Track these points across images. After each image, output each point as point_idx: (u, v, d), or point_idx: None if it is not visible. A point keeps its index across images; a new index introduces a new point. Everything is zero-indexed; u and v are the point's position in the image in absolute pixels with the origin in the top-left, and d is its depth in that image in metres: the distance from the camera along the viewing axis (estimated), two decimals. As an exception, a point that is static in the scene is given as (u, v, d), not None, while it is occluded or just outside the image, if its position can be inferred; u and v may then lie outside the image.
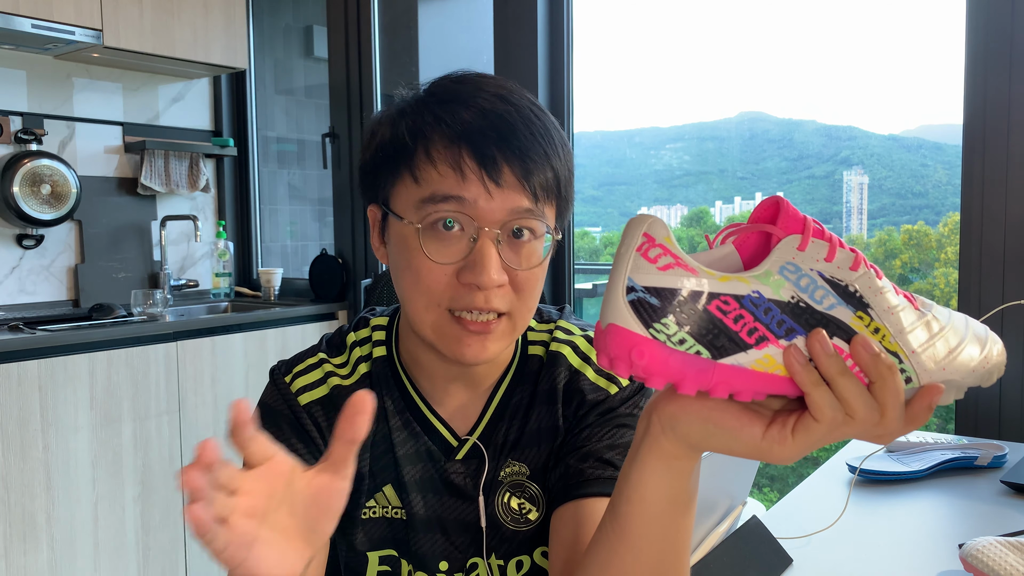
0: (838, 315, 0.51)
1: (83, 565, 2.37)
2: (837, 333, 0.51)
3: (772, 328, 0.50)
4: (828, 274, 0.51)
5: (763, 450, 0.53)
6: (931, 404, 0.52)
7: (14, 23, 2.51)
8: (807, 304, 0.51)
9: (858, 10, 2.54)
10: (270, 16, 3.51)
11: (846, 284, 0.51)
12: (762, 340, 0.50)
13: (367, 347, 0.92)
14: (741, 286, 0.50)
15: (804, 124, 2.87)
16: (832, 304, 0.51)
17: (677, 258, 0.50)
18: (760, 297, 0.50)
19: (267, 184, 3.55)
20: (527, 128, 0.79)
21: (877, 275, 0.53)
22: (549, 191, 0.81)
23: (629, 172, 3.15)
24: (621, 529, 0.63)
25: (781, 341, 0.50)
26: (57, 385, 2.31)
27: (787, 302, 0.51)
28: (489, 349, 0.80)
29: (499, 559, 0.89)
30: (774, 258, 0.51)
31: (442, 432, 0.89)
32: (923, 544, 1.12)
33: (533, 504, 0.89)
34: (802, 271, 0.51)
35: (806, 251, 0.51)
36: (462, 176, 0.77)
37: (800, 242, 0.51)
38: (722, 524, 1.14)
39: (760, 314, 0.50)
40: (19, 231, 2.85)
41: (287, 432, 0.87)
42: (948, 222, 2.60)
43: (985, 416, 1.81)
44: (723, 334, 0.50)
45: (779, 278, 0.51)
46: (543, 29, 2.57)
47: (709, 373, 0.50)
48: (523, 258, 0.80)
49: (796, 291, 0.51)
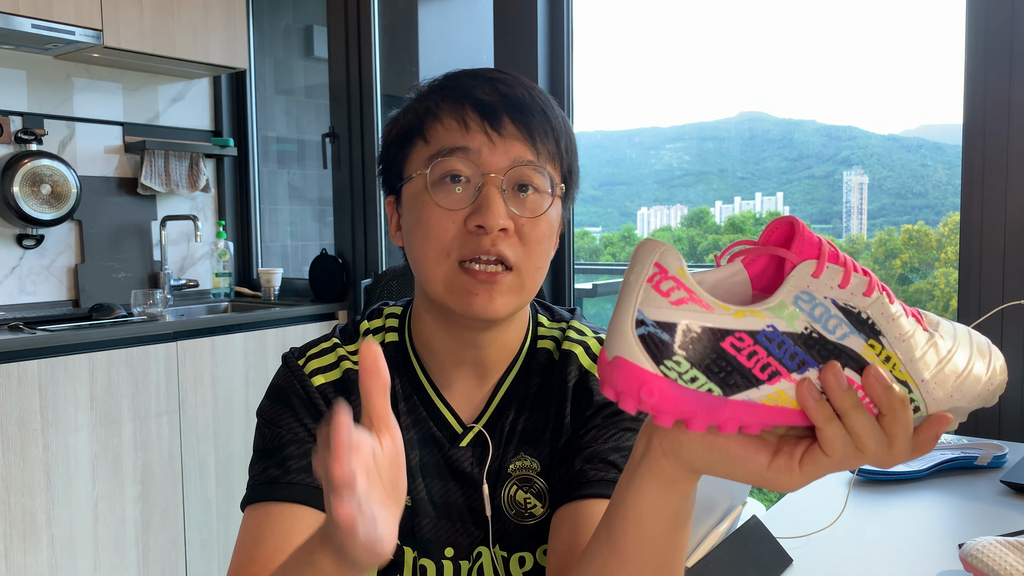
0: (850, 344, 0.50)
1: (83, 565, 2.37)
2: (848, 363, 0.50)
3: (785, 362, 0.49)
4: (842, 301, 0.50)
5: (768, 479, 0.53)
6: (938, 433, 0.52)
7: (14, 23, 2.51)
8: (820, 335, 0.49)
9: (858, 10, 2.54)
10: (270, 16, 3.51)
11: (859, 311, 0.50)
12: (775, 375, 0.49)
13: (380, 335, 0.94)
14: (756, 321, 0.49)
15: (804, 124, 2.87)
16: (845, 334, 0.50)
17: (691, 292, 0.48)
18: (774, 331, 0.49)
19: (267, 184, 3.55)
20: (528, 92, 0.85)
21: (889, 299, 0.51)
22: (550, 146, 0.85)
23: (629, 172, 3.15)
24: (615, 545, 0.62)
25: (793, 375, 0.49)
26: (57, 385, 2.31)
27: (800, 334, 0.49)
28: (496, 301, 0.82)
29: (503, 551, 0.90)
30: (789, 286, 0.49)
31: (448, 418, 0.90)
32: (923, 544, 1.12)
33: (539, 500, 0.90)
34: (816, 300, 0.49)
35: (820, 278, 0.49)
36: (466, 128, 0.82)
37: (815, 268, 0.49)
38: (722, 524, 1.14)
39: (774, 348, 0.49)
40: (19, 231, 2.85)
41: (299, 410, 0.88)
42: (948, 222, 2.60)
43: (985, 416, 1.81)
44: (736, 371, 0.48)
45: (794, 309, 0.49)
46: (543, 29, 2.57)
47: (720, 410, 0.49)
48: (527, 208, 0.83)
49: (810, 322, 0.49)
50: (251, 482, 0.87)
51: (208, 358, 2.68)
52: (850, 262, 0.51)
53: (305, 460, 0.85)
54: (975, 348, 0.54)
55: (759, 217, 2.87)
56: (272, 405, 0.90)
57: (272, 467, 0.85)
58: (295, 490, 0.83)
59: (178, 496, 2.60)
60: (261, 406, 0.92)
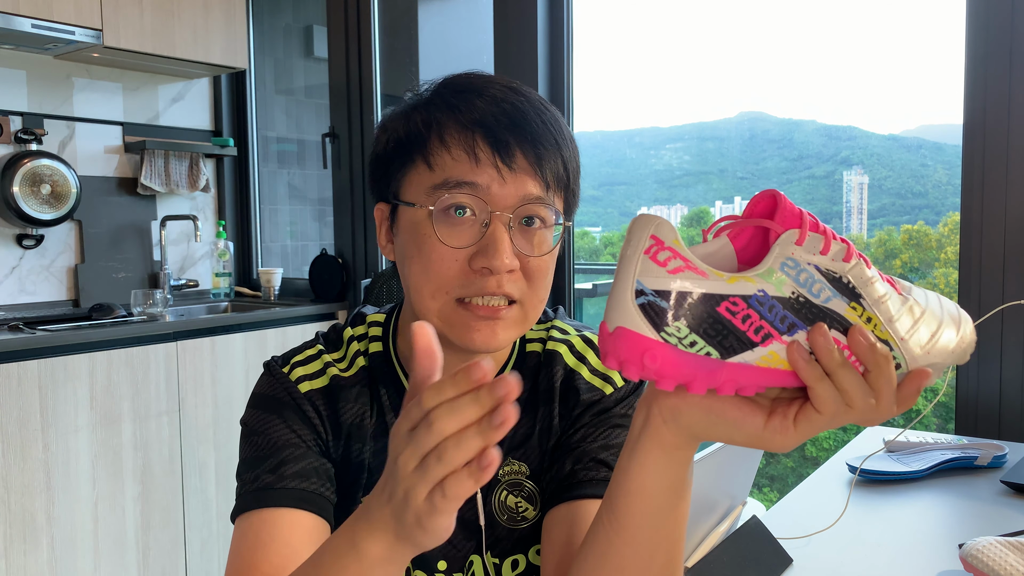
0: (834, 307, 0.53)
1: (83, 565, 2.37)
2: (834, 325, 0.53)
3: (776, 325, 0.52)
4: (824, 267, 0.53)
5: (764, 439, 0.55)
6: (920, 387, 0.54)
7: (14, 23, 2.51)
8: (806, 299, 0.52)
9: (858, 10, 2.54)
10: (270, 16, 3.51)
11: (840, 276, 0.53)
12: (767, 337, 0.52)
13: (364, 343, 0.92)
14: (748, 286, 0.51)
15: (804, 124, 2.87)
16: (828, 297, 0.53)
17: (687, 261, 0.51)
18: (765, 295, 0.52)
19: (267, 184, 3.55)
20: (539, 117, 0.80)
21: (866, 264, 0.54)
22: (560, 180, 0.82)
23: (629, 172, 3.15)
24: (619, 523, 0.63)
25: (784, 337, 0.52)
26: (57, 385, 2.31)
27: (788, 298, 0.52)
28: (499, 336, 0.80)
29: (495, 557, 0.89)
30: (775, 254, 0.52)
31: None
32: (923, 544, 1.12)
33: (530, 503, 0.89)
34: (800, 266, 0.52)
35: (804, 245, 0.53)
36: (476, 160, 0.78)
37: (799, 236, 0.53)
38: (722, 524, 1.14)
39: (765, 312, 0.52)
40: (19, 231, 2.85)
41: (289, 417, 0.86)
42: (948, 222, 2.60)
43: (985, 416, 1.81)
44: (732, 334, 0.51)
45: (781, 275, 0.52)
46: (543, 29, 2.57)
47: (718, 372, 0.51)
48: (535, 245, 0.80)
49: (796, 287, 0.52)
50: (242, 491, 0.83)
51: (208, 358, 2.68)
52: (829, 231, 0.54)
53: (299, 465, 0.83)
54: (945, 311, 0.58)
55: (759, 217, 2.87)
56: (258, 413, 0.87)
57: (265, 473, 0.82)
58: (293, 494, 0.81)
59: (178, 496, 2.60)
60: (246, 416, 0.88)
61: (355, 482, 0.88)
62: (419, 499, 0.53)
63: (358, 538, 0.58)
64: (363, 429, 0.88)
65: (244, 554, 0.79)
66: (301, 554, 0.76)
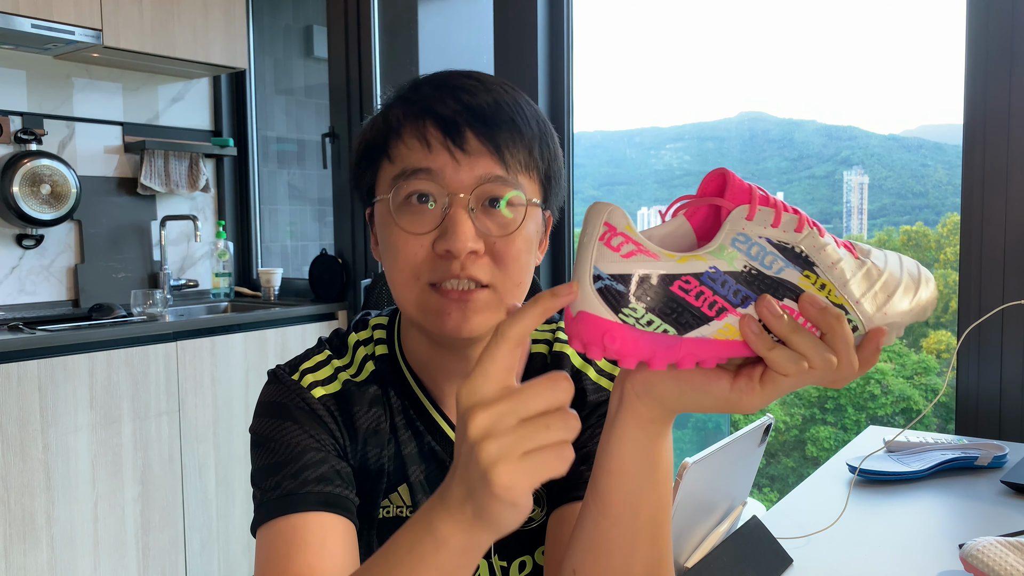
0: (787, 277, 0.54)
1: (83, 565, 2.37)
2: (787, 295, 0.54)
3: (729, 299, 0.54)
4: (775, 239, 0.55)
5: (733, 401, 0.57)
6: (878, 346, 0.56)
7: (14, 23, 2.51)
8: (759, 271, 0.54)
9: (858, 10, 2.54)
10: (270, 16, 3.51)
11: (792, 246, 0.55)
12: (722, 311, 0.54)
13: (370, 346, 0.91)
14: (699, 264, 0.53)
15: (804, 124, 2.87)
16: (781, 268, 0.54)
17: (638, 245, 0.53)
18: (717, 272, 0.54)
19: (267, 184, 3.55)
20: (492, 98, 0.80)
21: (820, 233, 0.56)
22: (526, 162, 0.81)
23: (629, 172, 3.15)
24: (603, 503, 0.64)
25: (739, 309, 0.54)
26: (57, 385, 2.31)
27: (740, 272, 0.54)
28: (471, 320, 0.79)
29: (502, 560, 0.89)
30: (726, 230, 0.54)
31: (446, 431, 0.88)
32: (923, 544, 1.11)
33: (537, 504, 0.89)
34: (751, 240, 0.54)
35: (754, 220, 0.54)
36: (428, 147, 0.79)
37: (748, 212, 0.54)
38: (722, 524, 1.14)
39: (718, 287, 0.54)
40: (19, 231, 2.85)
41: (304, 422, 0.83)
42: (947, 223, 2.60)
43: (985, 416, 1.81)
44: (687, 311, 0.53)
45: (732, 250, 0.54)
46: (543, 29, 2.57)
47: (676, 348, 0.54)
48: (499, 225, 0.79)
49: (748, 260, 0.54)
50: (263, 499, 0.80)
51: (208, 358, 2.68)
52: (780, 203, 0.55)
53: (321, 469, 0.81)
54: (905, 271, 0.59)
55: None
56: (271, 421, 0.85)
57: (286, 480, 0.80)
58: (319, 498, 0.79)
59: (178, 496, 2.60)
60: (257, 425, 0.86)
61: (374, 488, 0.87)
62: (502, 474, 0.51)
63: (435, 523, 0.56)
64: (380, 435, 0.87)
65: (278, 561, 0.76)
66: (337, 556, 0.75)
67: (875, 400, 4.16)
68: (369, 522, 0.87)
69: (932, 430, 2.18)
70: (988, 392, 1.80)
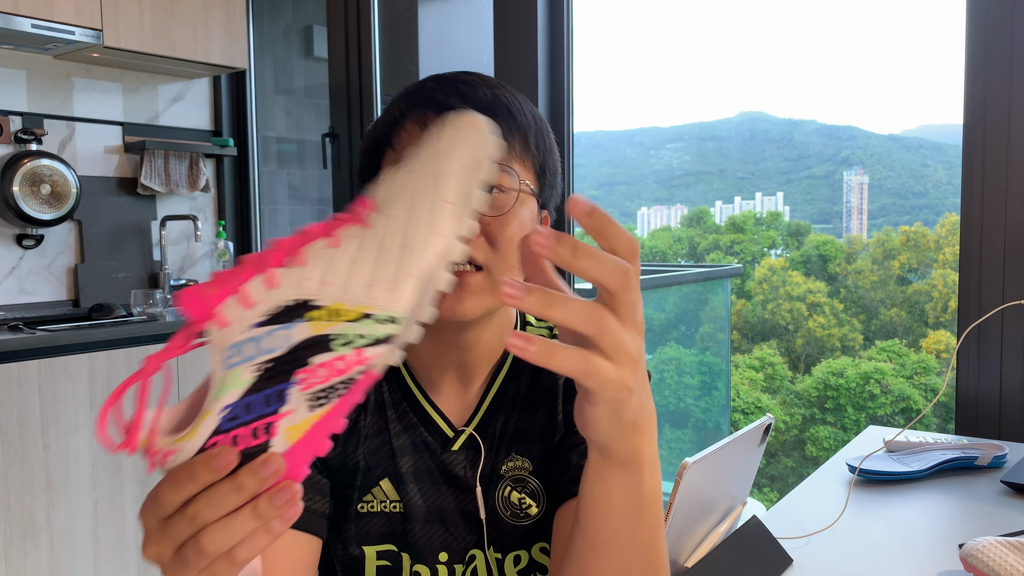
0: (299, 335, 0.46)
1: (83, 565, 2.37)
2: (316, 351, 0.46)
3: (266, 412, 0.46)
4: (261, 318, 0.46)
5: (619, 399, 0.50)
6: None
7: (14, 23, 2.51)
8: (271, 360, 0.46)
9: (858, 10, 2.54)
10: (270, 16, 3.51)
11: (280, 305, 0.46)
12: (269, 427, 0.46)
13: None
14: (209, 423, 0.47)
15: (804, 124, 2.87)
16: (288, 335, 0.46)
17: (160, 453, 0.48)
18: (231, 407, 0.46)
19: (267, 184, 3.55)
20: (490, 90, 0.84)
21: (298, 261, 0.46)
22: (516, 145, 0.83)
23: (629, 172, 3.15)
24: (592, 539, 0.62)
25: (284, 408, 0.46)
26: (57, 385, 2.31)
27: (256, 380, 0.46)
28: (466, 303, 0.80)
29: (497, 552, 0.89)
30: (213, 360, 0.47)
31: (438, 422, 0.90)
32: (923, 544, 1.12)
33: (534, 499, 0.89)
34: (241, 343, 0.46)
35: (228, 323, 0.46)
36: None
37: (217, 322, 0.46)
38: (722, 524, 1.14)
39: (247, 417, 0.46)
40: (19, 231, 2.85)
41: None
42: (945, 223, 2.60)
43: (985, 416, 1.81)
44: (246, 458, 0.46)
45: (232, 372, 0.46)
46: (543, 29, 2.57)
47: (285, 479, 0.46)
48: (491, 207, 0.81)
49: (253, 363, 0.46)
50: None
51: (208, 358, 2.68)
52: (237, 278, 0.46)
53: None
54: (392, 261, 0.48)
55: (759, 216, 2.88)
56: None
57: None
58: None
59: (178, 496, 2.60)
60: None
61: (350, 485, 0.88)
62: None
63: None
64: (356, 433, 0.89)
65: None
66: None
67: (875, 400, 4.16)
68: (347, 517, 0.89)
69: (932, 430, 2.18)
70: (988, 392, 1.80)
